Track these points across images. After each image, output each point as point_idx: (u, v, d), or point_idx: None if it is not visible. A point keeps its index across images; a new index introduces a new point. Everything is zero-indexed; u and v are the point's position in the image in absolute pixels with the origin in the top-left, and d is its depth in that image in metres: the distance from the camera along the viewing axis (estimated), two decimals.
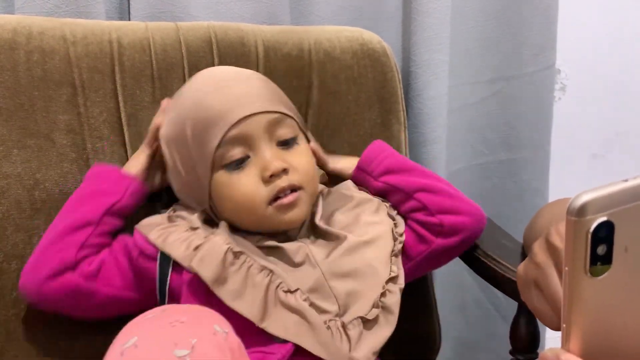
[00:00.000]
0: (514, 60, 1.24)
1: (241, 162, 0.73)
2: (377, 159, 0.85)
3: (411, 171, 0.85)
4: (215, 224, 0.77)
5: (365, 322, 0.73)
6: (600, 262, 0.39)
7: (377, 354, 0.73)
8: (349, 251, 0.76)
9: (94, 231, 0.76)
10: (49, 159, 0.85)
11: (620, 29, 1.50)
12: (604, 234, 0.38)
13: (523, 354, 0.83)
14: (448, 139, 1.19)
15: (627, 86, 1.53)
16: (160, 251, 0.73)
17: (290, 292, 0.72)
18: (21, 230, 0.82)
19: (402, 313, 0.77)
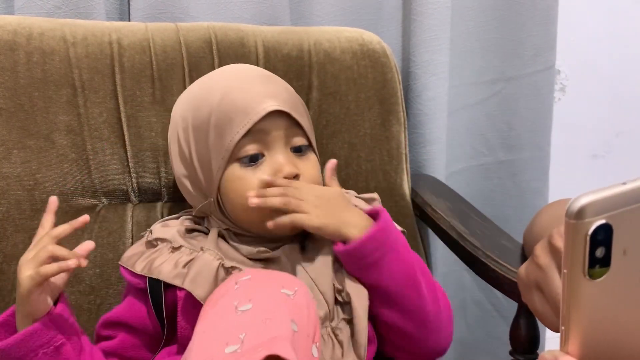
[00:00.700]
0: (514, 61, 1.24)
1: (255, 158, 0.74)
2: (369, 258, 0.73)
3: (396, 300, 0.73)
4: (202, 232, 0.77)
5: (350, 323, 0.72)
6: (599, 264, 0.39)
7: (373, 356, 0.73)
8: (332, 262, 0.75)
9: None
10: (49, 159, 0.85)
11: (620, 29, 1.50)
12: (603, 236, 0.38)
13: (523, 355, 0.83)
14: (448, 139, 1.19)
15: (627, 86, 1.52)
16: (148, 278, 0.72)
17: None
18: (21, 231, 0.82)
19: None
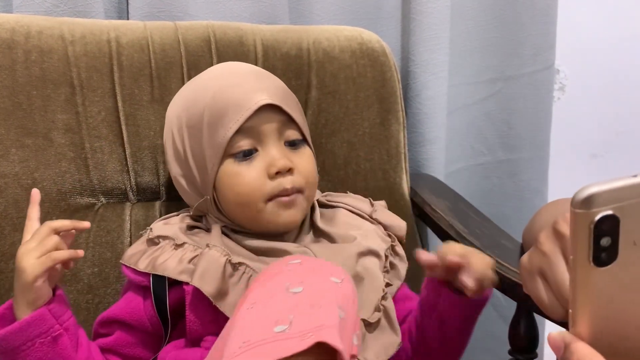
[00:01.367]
0: (513, 60, 1.24)
1: (249, 153, 0.74)
2: None
3: None
4: (203, 229, 0.77)
5: (368, 325, 0.72)
6: (605, 253, 0.39)
7: None
8: (349, 254, 0.76)
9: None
10: (47, 158, 0.84)
11: (620, 29, 1.50)
12: (608, 226, 0.38)
13: (522, 354, 0.83)
14: (447, 139, 1.19)
15: (626, 86, 1.52)
16: (152, 275, 0.72)
17: None
18: (19, 229, 0.82)
19: None
